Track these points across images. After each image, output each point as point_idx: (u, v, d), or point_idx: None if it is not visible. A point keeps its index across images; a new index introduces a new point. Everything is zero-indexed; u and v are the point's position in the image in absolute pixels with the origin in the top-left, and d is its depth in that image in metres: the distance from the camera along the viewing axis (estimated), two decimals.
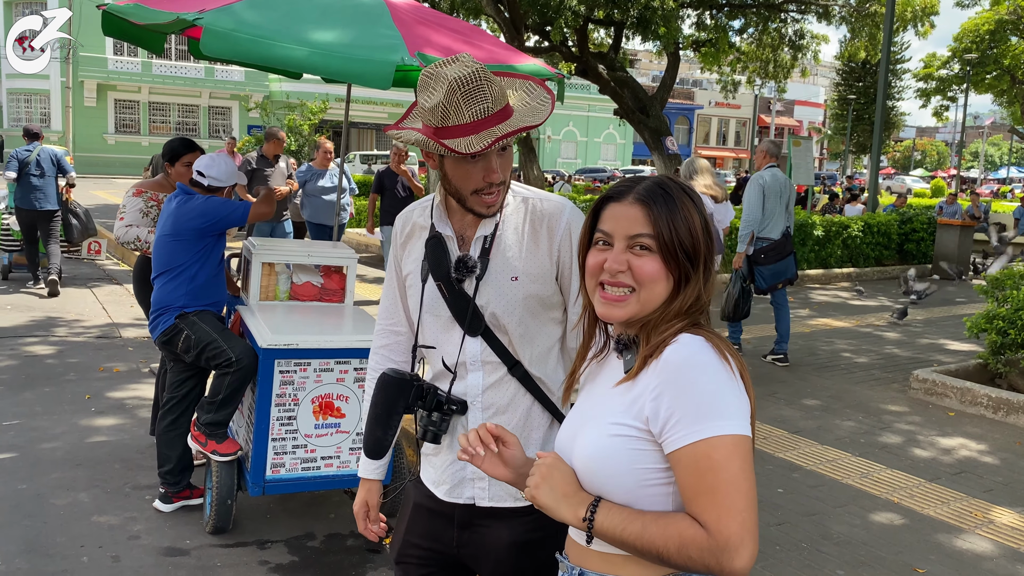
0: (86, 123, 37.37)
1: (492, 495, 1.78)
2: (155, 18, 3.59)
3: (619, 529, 1.24)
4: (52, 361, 6.35)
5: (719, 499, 1.18)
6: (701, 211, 1.36)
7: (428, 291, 1.79)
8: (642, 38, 22.88)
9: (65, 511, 3.87)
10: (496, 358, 1.77)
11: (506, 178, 1.74)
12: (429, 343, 1.82)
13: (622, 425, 1.28)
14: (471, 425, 1.78)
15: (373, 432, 1.80)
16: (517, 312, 1.76)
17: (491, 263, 1.76)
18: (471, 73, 1.60)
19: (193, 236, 3.79)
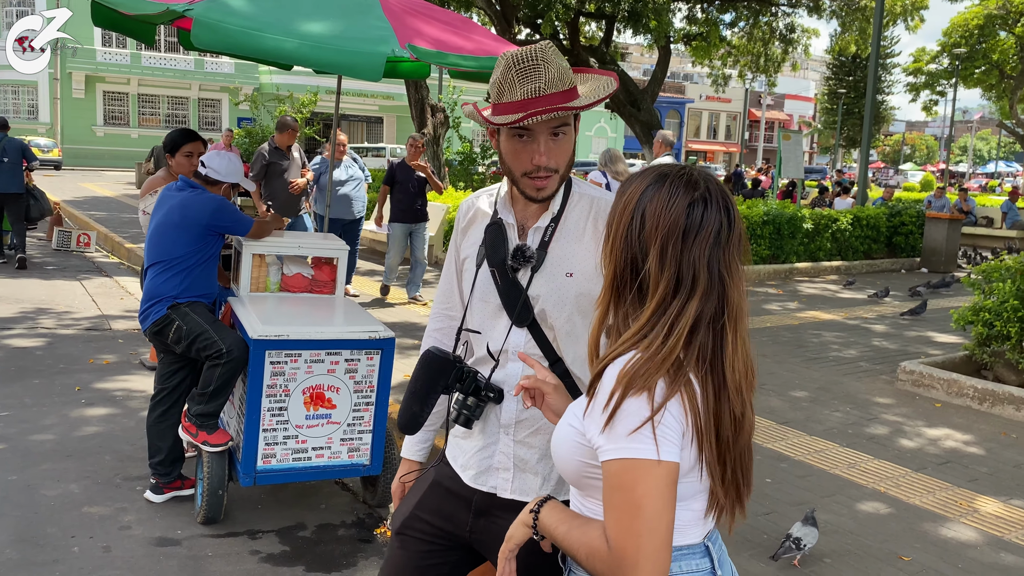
0: (74, 115, 37.11)
1: (515, 488, 1.78)
2: (145, 9, 3.58)
3: (551, 528, 1.33)
4: (41, 353, 6.33)
5: (621, 518, 1.20)
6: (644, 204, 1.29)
7: (481, 276, 1.80)
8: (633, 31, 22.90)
9: (56, 502, 3.87)
10: (539, 351, 1.76)
11: (559, 166, 1.71)
12: (476, 328, 1.82)
13: (575, 416, 1.33)
14: (504, 414, 1.77)
15: (410, 407, 1.76)
16: (567, 308, 1.74)
17: (548, 256, 1.75)
18: (528, 53, 1.61)
19: (200, 231, 3.79)
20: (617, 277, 1.30)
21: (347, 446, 3.77)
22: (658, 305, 1.24)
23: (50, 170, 30.74)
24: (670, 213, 1.25)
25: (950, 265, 13.43)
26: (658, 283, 1.25)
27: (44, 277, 9.53)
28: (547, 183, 1.72)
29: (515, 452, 1.78)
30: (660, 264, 1.24)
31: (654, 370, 1.21)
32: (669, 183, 1.28)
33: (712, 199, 1.28)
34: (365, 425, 3.79)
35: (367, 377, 3.77)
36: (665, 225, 1.25)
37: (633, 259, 1.28)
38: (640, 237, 1.26)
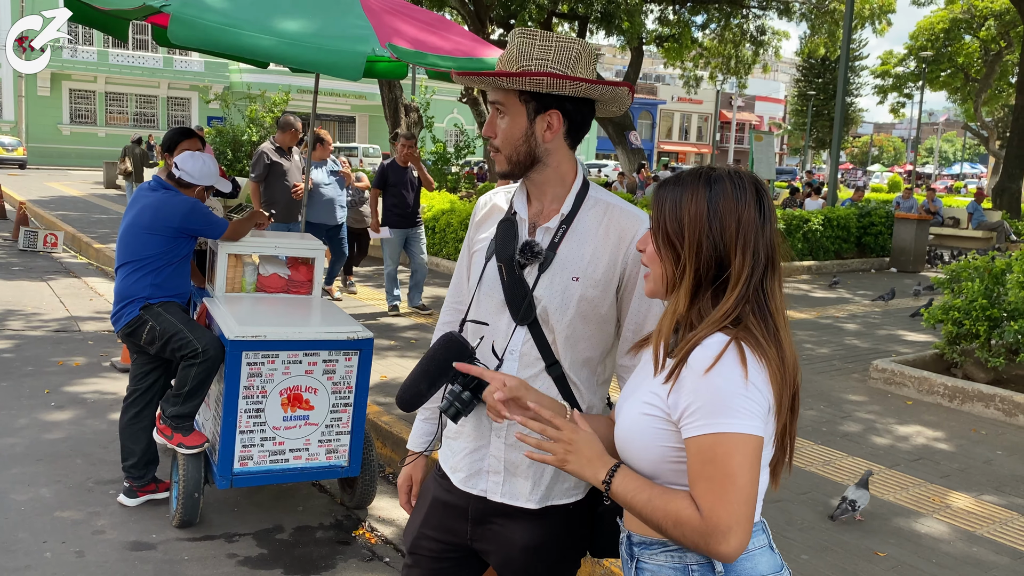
0: (39, 113, 36.46)
1: (504, 492, 1.76)
2: (120, 3, 3.52)
3: (630, 495, 1.37)
4: (9, 355, 6.20)
5: (715, 488, 1.28)
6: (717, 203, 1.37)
7: (488, 270, 1.78)
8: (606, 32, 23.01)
9: (26, 507, 3.79)
10: (536, 352, 1.74)
11: (501, 146, 1.72)
12: (482, 320, 1.80)
13: (651, 406, 1.39)
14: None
15: (417, 384, 1.70)
16: (570, 312, 1.72)
17: (556, 256, 1.73)
18: (536, 32, 1.67)
19: (169, 233, 3.74)
20: (699, 276, 1.39)
21: (325, 447, 3.73)
22: (744, 287, 1.36)
23: (14, 169, 30.17)
24: (747, 210, 1.38)
25: (918, 264, 13.64)
26: (742, 271, 1.36)
27: (9, 278, 9.35)
28: (495, 157, 1.75)
29: (506, 455, 1.76)
30: (743, 255, 1.36)
31: (750, 346, 1.32)
32: (731, 184, 1.39)
33: (766, 193, 1.42)
34: (343, 426, 3.76)
35: (345, 378, 3.74)
36: (747, 221, 1.37)
37: (717, 258, 1.38)
38: (723, 237, 1.37)
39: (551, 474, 1.77)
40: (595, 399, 1.81)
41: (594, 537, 1.83)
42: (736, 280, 1.36)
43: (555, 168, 1.75)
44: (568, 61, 1.66)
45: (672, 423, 1.36)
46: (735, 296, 1.36)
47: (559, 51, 1.66)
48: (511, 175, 1.76)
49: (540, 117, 1.69)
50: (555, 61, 1.65)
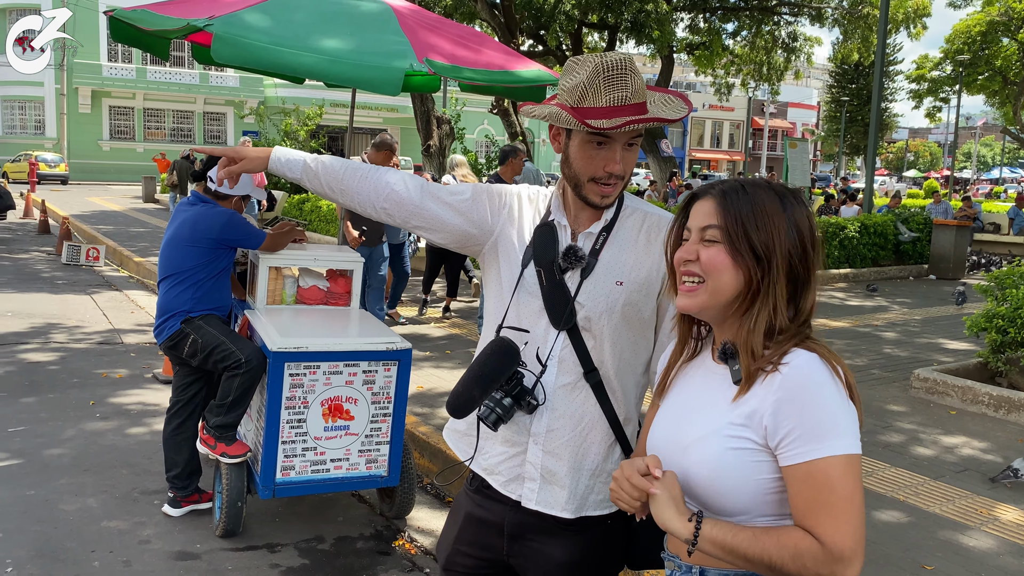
0: (81, 130, 37.31)
1: (540, 500, 1.76)
2: (164, 24, 3.61)
3: (728, 538, 1.28)
4: (55, 367, 6.34)
5: (836, 514, 1.24)
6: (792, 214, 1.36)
7: (527, 275, 1.77)
8: (636, 41, 22.99)
9: (74, 516, 3.87)
10: (575, 358, 1.73)
11: (626, 174, 1.71)
12: (524, 327, 1.77)
13: (740, 439, 1.32)
14: (535, 423, 1.75)
15: (470, 390, 1.67)
16: (614, 318, 1.72)
17: (599, 262, 1.74)
18: (618, 61, 1.61)
19: (209, 245, 3.81)
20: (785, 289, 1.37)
21: (365, 457, 3.77)
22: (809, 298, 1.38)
23: (57, 185, 30.90)
24: (810, 222, 1.40)
25: (958, 272, 13.41)
26: (811, 279, 1.38)
27: (54, 292, 9.57)
28: (613, 190, 1.72)
29: (543, 463, 1.76)
30: (815, 263, 1.39)
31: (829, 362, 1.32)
32: (794, 197, 1.40)
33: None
34: (383, 436, 3.79)
35: (384, 388, 3.77)
36: (810, 232, 1.38)
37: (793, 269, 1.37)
38: (802, 246, 1.37)
39: (587, 482, 1.77)
40: (632, 407, 1.82)
41: (631, 549, 1.82)
42: (807, 287, 1.37)
43: None
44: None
45: (768, 451, 1.30)
46: (811, 303, 1.37)
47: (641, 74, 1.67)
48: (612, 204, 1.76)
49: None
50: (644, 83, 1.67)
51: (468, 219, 1.85)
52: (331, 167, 1.86)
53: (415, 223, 1.85)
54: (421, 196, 1.84)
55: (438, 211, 1.84)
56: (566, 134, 1.72)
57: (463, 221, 1.85)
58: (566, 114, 1.64)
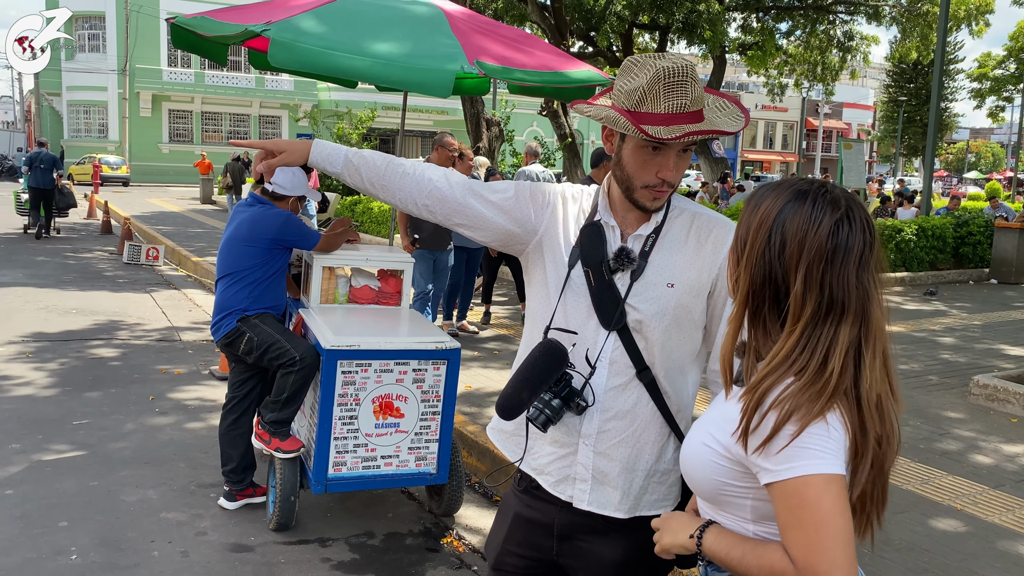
0: (141, 133, 38.43)
1: (592, 500, 1.76)
2: (223, 30, 3.71)
3: (722, 553, 1.32)
4: (116, 363, 6.55)
5: (808, 535, 1.18)
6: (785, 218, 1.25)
7: (574, 276, 1.76)
8: (687, 42, 22.78)
9: (135, 507, 4.00)
10: (627, 359, 1.73)
11: (678, 181, 1.71)
12: (572, 328, 1.76)
13: (714, 439, 1.34)
14: (585, 424, 1.74)
15: (519, 392, 1.66)
16: (666, 319, 1.72)
17: (649, 265, 1.73)
18: (679, 67, 1.60)
19: (265, 245, 3.91)
20: (753, 295, 1.28)
21: (414, 455, 3.82)
22: (805, 327, 1.23)
23: (119, 186, 31.87)
24: (816, 235, 1.22)
25: (1020, 276, 12.99)
26: (803, 305, 1.23)
27: (116, 290, 9.88)
28: (664, 195, 1.71)
29: (595, 463, 1.76)
30: (805, 286, 1.22)
31: (815, 397, 1.20)
32: (811, 201, 1.25)
33: (855, 218, 1.25)
34: (432, 434, 3.84)
35: (434, 387, 3.82)
36: (812, 247, 1.22)
37: (772, 278, 1.26)
38: (781, 257, 1.24)
39: (641, 483, 1.77)
40: (685, 405, 1.81)
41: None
42: (797, 314, 1.23)
43: None
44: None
45: (733, 461, 1.30)
46: (796, 337, 1.23)
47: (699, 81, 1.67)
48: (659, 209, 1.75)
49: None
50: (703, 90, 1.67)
51: (511, 217, 1.83)
52: (372, 162, 1.84)
53: (457, 220, 1.84)
54: (463, 193, 1.83)
55: (481, 209, 1.83)
56: (620, 137, 1.71)
57: (506, 219, 1.83)
58: (624, 119, 1.62)
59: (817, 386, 1.21)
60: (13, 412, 5.26)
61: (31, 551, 3.51)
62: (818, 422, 1.20)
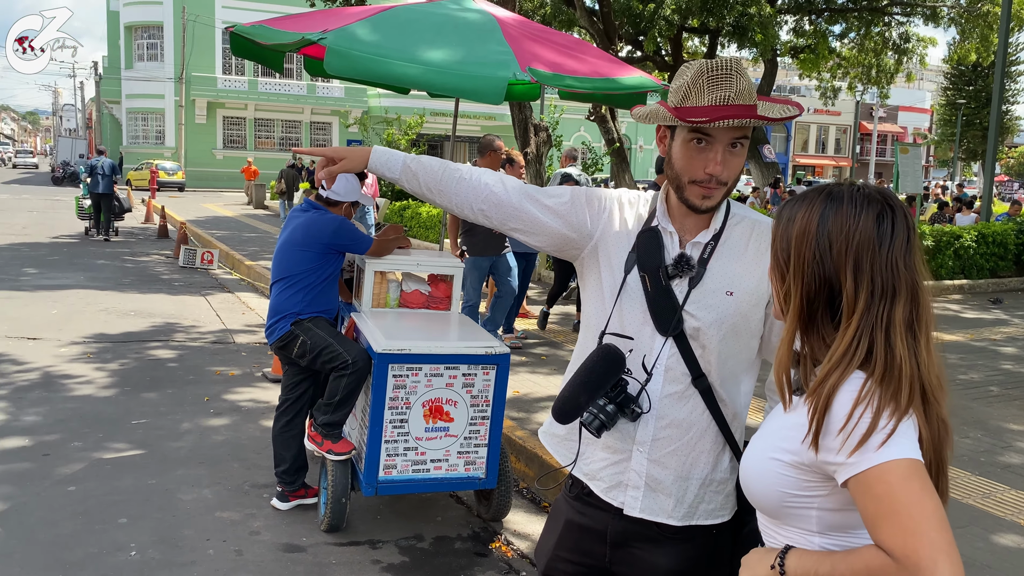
0: (197, 139, 39.42)
1: (644, 507, 1.75)
2: (280, 38, 3.79)
3: (811, 571, 1.24)
4: (173, 364, 6.71)
5: (902, 522, 1.12)
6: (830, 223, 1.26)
7: (630, 282, 1.75)
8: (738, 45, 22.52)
9: (191, 506, 4.09)
10: (683, 366, 1.71)
11: (729, 179, 1.68)
12: (627, 334, 1.75)
13: (778, 449, 1.31)
14: (640, 431, 1.73)
15: (577, 395, 1.66)
16: (724, 327, 1.71)
17: (707, 272, 1.72)
18: (722, 62, 1.61)
19: (320, 250, 3.97)
20: (808, 304, 1.28)
21: (464, 459, 3.84)
22: (860, 318, 1.23)
23: (175, 192, 32.68)
24: (859, 228, 1.24)
25: None
26: (856, 299, 1.24)
27: (172, 293, 10.12)
28: (714, 193, 1.69)
29: (648, 471, 1.75)
30: (856, 279, 1.23)
31: (897, 391, 1.20)
32: (848, 200, 1.27)
33: (895, 207, 1.28)
34: (481, 439, 3.85)
35: (483, 391, 3.83)
36: (857, 240, 1.24)
37: (826, 281, 1.26)
38: (829, 258, 1.25)
39: (696, 492, 1.75)
40: (740, 414, 1.80)
41: (737, 561, 1.79)
42: (851, 308, 1.23)
43: None
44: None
45: (802, 468, 1.27)
46: (853, 329, 1.22)
47: (748, 77, 1.66)
48: (715, 208, 1.73)
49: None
50: (753, 87, 1.66)
51: (567, 222, 1.83)
52: (430, 167, 1.87)
53: (512, 225, 1.85)
54: (519, 198, 1.84)
55: (536, 213, 1.83)
56: (670, 135, 1.71)
57: (562, 224, 1.84)
58: (664, 110, 1.64)
59: (893, 377, 1.21)
60: (75, 411, 5.42)
61: (93, 546, 3.62)
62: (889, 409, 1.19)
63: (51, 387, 5.93)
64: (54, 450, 4.72)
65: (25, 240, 15.15)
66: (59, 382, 6.06)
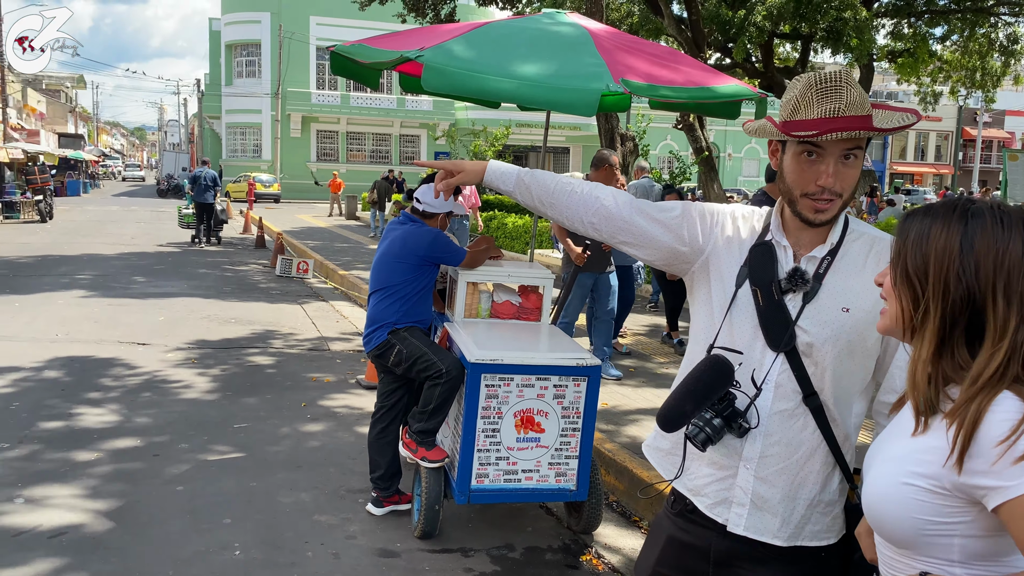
0: (292, 152, 40.90)
1: (748, 525, 1.72)
2: (379, 56, 3.91)
3: None
4: (272, 371, 6.96)
5: None
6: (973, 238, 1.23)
7: (741, 296, 1.74)
8: (832, 51, 21.91)
9: (290, 509, 4.23)
10: (794, 383, 1.68)
11: (843, 191, 1.65)
12: (737, 348, 1.73)
13: (915, 475, 1.26)
14: (747, 447, 1.71)
15: (682, 404, 1.65)
16: (838, 345, 1.66)
17: (823, 287, 1.68)
18: (832, 73, 1.60)
19: (416, 262, 4.07)
20: (951, 324, 1.25)
21: (555, 470, 3.85)
22: (1011, 339, 1.21)
23: (271, 203, 33.91)
24: (1008, 250, 1.22)
25: None
26: (1007, 320, 1.21)
27: (270, 301, 10.50)
28: (828, 207, 1.66)
29: (754, 488, 1.72)
30: (1007, 301, 1.21)
31: None
32: (992, 220, 1.25)
33: None
34: (572, 451, 3.86)
35: (574, 403, 3.84)
36: (1008, 262, 1.22)
37: (970, 302, 1.24)
38: (977, 279, 1.23)
39: (803, 512, 1.71)
40: (851, 435, 1.75)
41: None
42: (1001, 330, 1.20)
43: None
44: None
45: (944, 494, 1.23)
46: (1004, 350, 1.19)
47: (859, 87, 1.63)
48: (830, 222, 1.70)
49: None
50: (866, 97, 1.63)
51: (678, 236, 1.83)
52: (543, 181, 1.91)
53: (622, 238, 1.86)
54: (630, 212, 1.85)
55: (647, 227, 1.84)
56: (781, 148, 1.69)
57: (673, 238, 1.84)
58: (772, 126, 1.63)
59: None
60: (181, 414, 5.69)
61: (200, 545, 3.78)
62: None
63: (159, 390, 6.23)
64: (163, 451, 4.96)
65: (134, 250, 15.98)
66: (166, 386, 6.36)
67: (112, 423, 5.43)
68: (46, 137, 40.31)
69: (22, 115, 44.23)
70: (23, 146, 28.05)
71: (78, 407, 5.73)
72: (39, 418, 5.46)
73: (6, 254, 14.60)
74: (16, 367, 6.71)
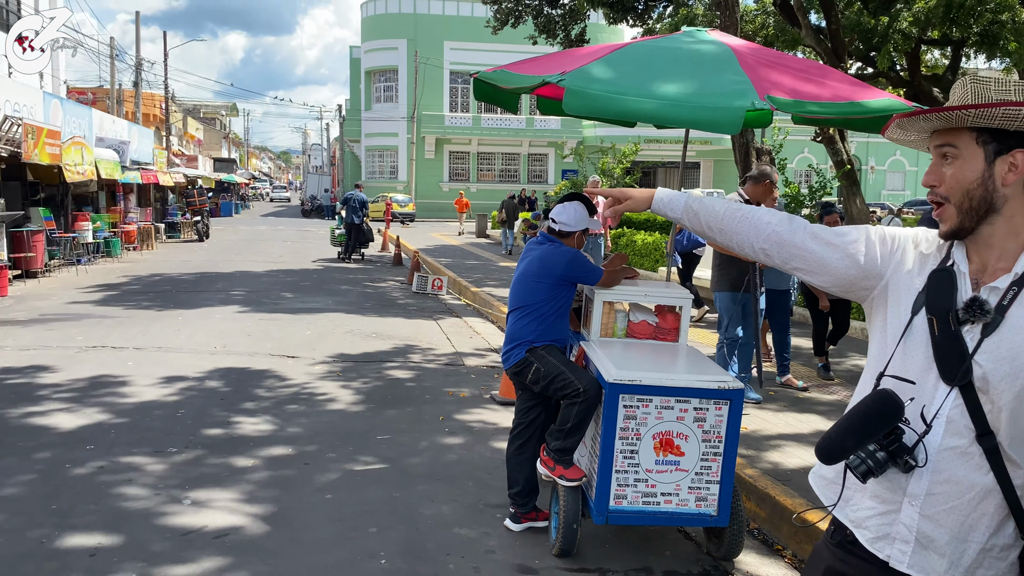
0: (426, 173, 42.29)
1: (912, 563, 1.65)
2: (520, 82, 4.00)
3: None
4: (411, 384, 7.20)
5: None
6: None
7: (916, 323, 1.67)
8: (987, 56, 20.54)
9: (431, 520, 4.36)
10: (967, 419, 1.59)
11: (948, 193, 1.63)
12: (909, 378, 1.67)
13: None
14: (913, 483, 1.63)
15: (843, 439, 1.60)
16: (1018, 383, 1.56)
17: (1006, 320, 1.58)
18: (988, 78, 1.59)
19: (553, 281, 4.13)
20: None
21: (694, 495, 3.79)
22: None
23: (406, 222, 35.09)
24: None
25: None
26: None
27: (408, 316, 10.86)
28: (939, 211, 1.62)
29: (919, 526, 1.64)
30: None
31: None
32: None
33: None
34: (713, 475, 3.78)
35: (715, 427, 3.77)
36: None
37: None
38: None
39: (974, 556, 1.61)
40: None
41: None
42: None
43: (1008, 219, 1.62)
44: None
45: None
46: None
47: (1020, 92, 1.55)
48: (961, 230, 1.64)
49: (1002, 159, 1.58)
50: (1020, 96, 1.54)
51: (854, 262, 1.78)
52: (711, 207, 1.91)
53: (795, 264, 1.83)
54: (803, 237, 1.82)
55: (821, 252, 1.80)
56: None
57: (849, 264, 1.78)
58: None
59: None
60: (329, 425, 5.97)
61: (348, 552, 3.95)
62: None
63: (307, 402, 6.57)
64: (312, 460, 5.22)
65: (282, 267, 16.94)
66: (314, 397, 6.70)
67: (266, 432, 5.76)
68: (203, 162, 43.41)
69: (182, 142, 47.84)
70: (184, 171, 30.38)
71: (236, 416, 6.12)
72: (202, 425, 5.87)
73: (170, 271, 15.83)
74: (182, 376, 7.25)
